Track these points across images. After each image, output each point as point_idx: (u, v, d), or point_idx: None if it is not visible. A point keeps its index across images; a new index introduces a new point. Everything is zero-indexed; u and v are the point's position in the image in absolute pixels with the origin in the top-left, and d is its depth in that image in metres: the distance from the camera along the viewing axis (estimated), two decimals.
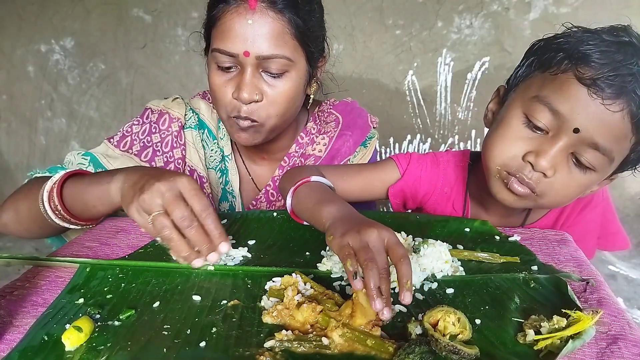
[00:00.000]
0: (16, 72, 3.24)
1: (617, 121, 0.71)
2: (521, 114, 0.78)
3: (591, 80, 0.71)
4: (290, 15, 0.90)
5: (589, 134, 0.72)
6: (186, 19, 2.87)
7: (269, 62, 0.90)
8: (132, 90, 3.08)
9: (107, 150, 1.04)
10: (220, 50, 0.91)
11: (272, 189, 1.14)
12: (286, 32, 0.91)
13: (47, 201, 0.81)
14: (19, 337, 0.55)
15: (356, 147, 1.16)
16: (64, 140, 3.28)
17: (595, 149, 0.72)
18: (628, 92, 0.70)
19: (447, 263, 0.70)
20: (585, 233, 0.93)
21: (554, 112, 0.74)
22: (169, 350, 0.52)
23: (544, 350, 0.51)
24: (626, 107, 0.70)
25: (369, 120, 1.20)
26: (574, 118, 0.72)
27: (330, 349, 0.52)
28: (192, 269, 0.70)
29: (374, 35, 2.57)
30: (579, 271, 0.70)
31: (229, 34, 0.89)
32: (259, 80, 0.93)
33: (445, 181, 1.00)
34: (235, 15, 0.88)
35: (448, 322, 0.53)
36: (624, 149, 0.74)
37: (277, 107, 0.96)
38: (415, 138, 2.66)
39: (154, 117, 1.08)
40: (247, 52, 0.89)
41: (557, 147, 0.74)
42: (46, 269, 0.72)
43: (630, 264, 2.36)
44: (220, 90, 0.95)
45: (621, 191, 2.53)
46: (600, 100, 0.70)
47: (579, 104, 0.71)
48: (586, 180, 0.77)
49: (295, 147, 1.13)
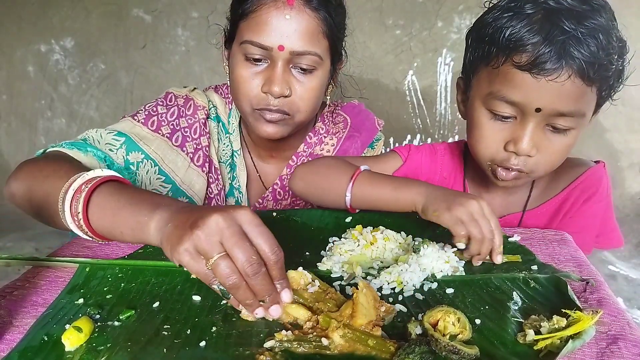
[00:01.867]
0: (16, 72, 3.24)
1: (569, 87, 0.74)
2: (485, 110, 0.82)
3: (528, 64, 0.73)
4: (324, 14, 0.93)
5: (551, 107, 0.75)
6: (186, 19, 2.87)
7: (301, 58, 0.92)
8: (132, 90, 3.08)
9: (135, 128, 0.99)
10: (253, 42, 0.91)
11: (280, 187, 1.14)
12: (320, 30, 0.93)
13: (69, 202, 0.66)
14: (19, 337, 0.55)
15: (364, 148, 1.18)
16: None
17: (564, 115, 0.76)
18: (566, 58, 0.72)
19: (447, 263, 0.70)
20: (586, 225, 0.94)
21: (511, 103, 0.78)
22: (169, 350, 0.52)
23: (544, 350, 0.51)
24: (572, 72, 0.73)
25: (376, 122, 1.23)
26: (531, 102, 0.76)
27: (330, 349, 0.52)
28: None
29: (374, 35, 2.57)
30: (579, 271, 0.70)
31: (264, 27, 0.90)
32: (289, 75, 0.94)
33: (444, 168, 1.03)
34: (273, 9, 0.90)
35: (448, 322, 0.53)
36: (590, 100, 0.78)
37: (305, 103, 0.97)
38: (415, 138, 2.66)
39: (180, 102, 1.07)
40: (281, 47, 0.90)
41: (529, 129, 0.78)
42: (46, 269, 0.72)
43: (630, 264, 2.36)
44: (247, 83, 0.95)
45: (621, 191, 2.53)
46: (545, 78, 0.73)
47: (529, 89, 0.75)
48: (570, 139, 0.81)
49: (303, 146, 1.14)
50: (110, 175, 0.69)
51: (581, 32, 0.71)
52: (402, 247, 0.76)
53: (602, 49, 0.72)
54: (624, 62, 0.78)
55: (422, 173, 1.04)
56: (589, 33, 0.72)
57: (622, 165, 2.65)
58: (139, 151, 0.97)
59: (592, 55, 0.72)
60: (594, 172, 0.94)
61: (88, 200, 0.65)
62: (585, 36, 0.72)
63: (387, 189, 0.83)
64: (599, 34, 0.72)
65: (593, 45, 0.72)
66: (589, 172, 0.94)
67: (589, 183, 0.93)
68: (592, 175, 0.93)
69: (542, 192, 0.97)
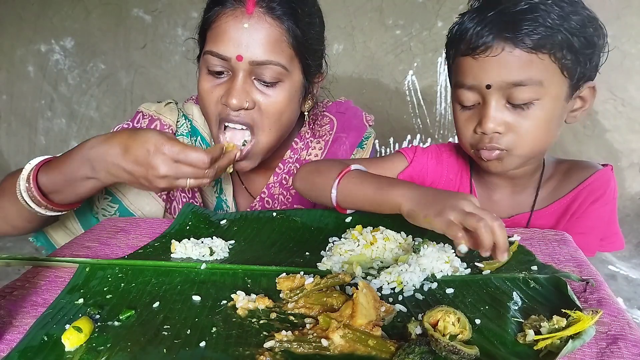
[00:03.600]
0: (16, 72, 3.25)
1: (509, 58, 0.80)
2: (456, 104, 0.90)
3: (468, 49, 0.83)
4: (288, 24, 0.89)
5: (499, 80, 0.81)
6: (186, 19, 2.88)
7: (263, 68, 0.88)
8: (132, 90, 3.08)
9: None
10: (212, 53, 0.89)
11: (267, 196, 1.11)
12: (283, 40, 0.89)
13: (24, 185, 0.80)
14: (19, 337, 0.55)
15: (353, 149, 1.13)
16: (64, 140, 3.28)
17: (516, 85, 0.80)
18: (497, 32, 0.79)
19: (447, 263, 0.70)
20: (591, 227, 0.94)
21: (469, 89, 0.85)
22: (169, 351, 0.52)
23: (544, 350, 0.51)
24: (505, 44, 0.79)
25: (364, 119, 1.18)
26: (480, 81, 0.82)
27: (330, 350, 0.52)
28: (192, 269, 0.70)
29: (374, 35, 2.57)
30: (579, 271, 0.70)
31: (222, 36, 0.87)
32: (251, 87, 0.90)
33: (450, 169, 1.04)
34: (231, 18, 0.87)
35: (448, 322, 0.53)
36: (545, 68, 0.79)
37: (270, 117, 0.93)
38: (415, 138, 2.66)
39: (144, 122, 1.05)
40: (240, 57, 0.87)
41: (490, 107, 0.83)
42: (46, 269, 0.72)
43: (630, 264, 2.36)
44: (208, 97, 0.92)
45: (621, 191, 2.53)
46: (483, 56, 0.81)
47: (475, 70, 0.83)
48: (539, 113, 0.82)
49: (289, 153, 1.10)
50: (46, 158, 0.85)
51: (515, 8, 0.78)
52: (402, 247, 0.76)
53: (541, 19, 0.77)
54: (589, 31, 0.80)
55: (428, 175, 1.04)
56: (526, 8, 0.78)
57: (622, 165, 2.65)
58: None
59: (525, 26, 0.77)
60: (602, 175, 0.94)
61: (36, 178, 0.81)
62: (517, 10, 0.78)
63: (371, 189, 0.82)
64: (538, 7, 0.78)
65: (528, 19, 0.77)
66: (597, 174, 0.94)
67: (597, 185, 0.93)
68: (600, 178, 0.94)
69: (550, 193, 0.97)
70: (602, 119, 2.57)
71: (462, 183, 1.03)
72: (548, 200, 0.97)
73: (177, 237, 0.80)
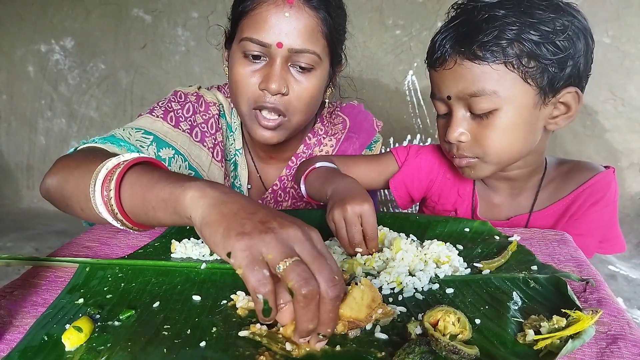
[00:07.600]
0: (16, 72, 3.25)
1: (459, 70, 0.82)
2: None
3: (430, 60, 0.87)
4: (324, 14, 0.93)
5: (456, 92, 0.83)
6: (186, 19, 2.87)
7: (300, 56, 0.93)
8: (132, 90, 3.08)
9: (155, 124, 0.98)
10: (252, 39, 0.92)
11: (280, 188, 1.15)
12: (318, 29, 0.93)
13: (100, 183, 0.62)
14: (19, 337, 0.55)
15: (362, 149, 1.18)
16: (64, 140, 3.28)
17: (472, 96, 0.81)
18: (451, 46, 0.82)
19: (447, 263, 0.70)
20: (590, 229, 0.94)
21: (437, 99, 0.89)
22: (169, 350, 0.52)
23: (544, 350, 0.51)
24: (457, 57, 0.81)
25: (374, 124, 1.23)
26: (442, 92, 0.86)
27: (293, 354, 0.51)
28: (192, 269, 0.70)
29: (374, 35, 2.57)
30: (579, 271, 0.70)
31: (264, 24, 0.91)
32: (287, 74, 0.94)
33: (448, 168, 1.04)
34: (273, 7, 0.90)
35: (448, 322, 0.53)
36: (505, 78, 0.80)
37: (302, 103, 0.97)
38: (415, 138, 2.66)
39: (192, 98, 1.07)
40: (280, 44, 0.91)
41: (453, 117, 0.86)
42: (46, 269, 0.72)
43: (630, 264, 2.36)
44: (245, 80, 0.95)
45: (621, 191, 2.53)
46: (440, 68, 0.84)
47: (439, 82, 0.86)
48: (501, 122, 0.83)
49: (303, 147, 1.15)
50: (145, 157, 0.65)
51: (475, 19, 0.79)
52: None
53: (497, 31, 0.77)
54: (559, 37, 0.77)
55: (422, 175, 1.05)
56: (484, 19, 0.78)
57: (622, 165, 2.65)
58: (169, 147, 0.98)
59: (478, 38, 0.78)
60: (603, 177, 0.94)
61: (120, 181, 0.61)
62: (475, 22, 0.79)
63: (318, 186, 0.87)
64: (497, 18, 0.77)
65: (482, 30, 0.78)
66: (598, 176, 0.94)
67: (598, 187, 0.93)
68: (601, 180, 0.93)
69: (550, 194, 0.97)
70: (602, 119, 2.56)
71: (463, 183, 1.03)
72: (548, 201, 0.97)
73: (177, 237, 0.80)
